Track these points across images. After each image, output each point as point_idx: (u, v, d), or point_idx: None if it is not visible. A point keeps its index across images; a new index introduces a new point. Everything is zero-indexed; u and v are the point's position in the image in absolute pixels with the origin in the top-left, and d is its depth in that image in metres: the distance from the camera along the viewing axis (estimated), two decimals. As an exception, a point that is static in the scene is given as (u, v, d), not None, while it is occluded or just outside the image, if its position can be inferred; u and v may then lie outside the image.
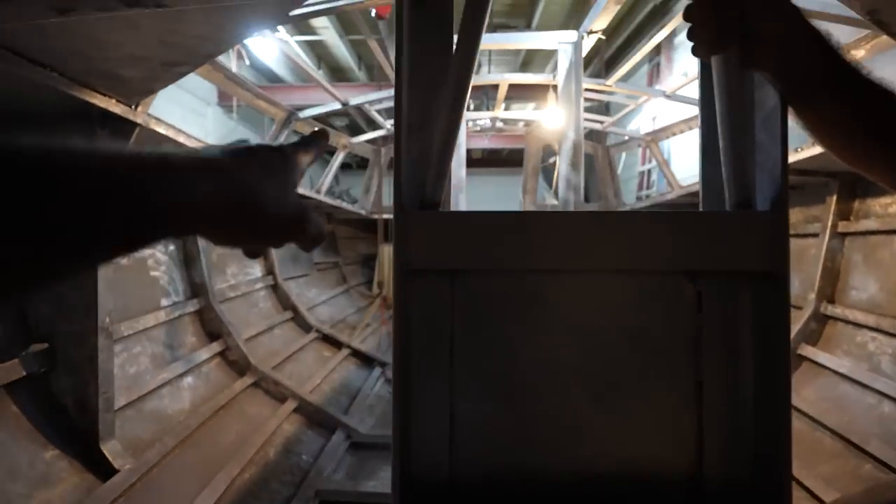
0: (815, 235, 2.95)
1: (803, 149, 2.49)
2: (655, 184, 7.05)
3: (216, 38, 1.23)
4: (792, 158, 2.48)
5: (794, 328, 2.86)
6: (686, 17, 0.67)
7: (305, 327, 3.73)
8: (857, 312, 2.55)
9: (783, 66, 0.69)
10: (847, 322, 2.63)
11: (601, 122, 4.25)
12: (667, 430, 0.80)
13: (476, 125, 5.36)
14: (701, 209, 0.88)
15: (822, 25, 0.66)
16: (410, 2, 0.83)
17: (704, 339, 0.80)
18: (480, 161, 12.53)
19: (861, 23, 1.66)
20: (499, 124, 5.78)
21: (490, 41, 2.50)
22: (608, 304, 0.82)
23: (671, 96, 3.05)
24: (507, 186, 9.11)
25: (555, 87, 2.51)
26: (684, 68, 5.99)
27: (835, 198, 2.82)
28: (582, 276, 0.82)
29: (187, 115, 7.16)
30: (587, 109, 4.65)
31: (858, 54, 2.12)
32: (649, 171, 7.38)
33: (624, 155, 6.49)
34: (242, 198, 0.30)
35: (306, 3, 2.09)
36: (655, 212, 0.81)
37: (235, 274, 3.42)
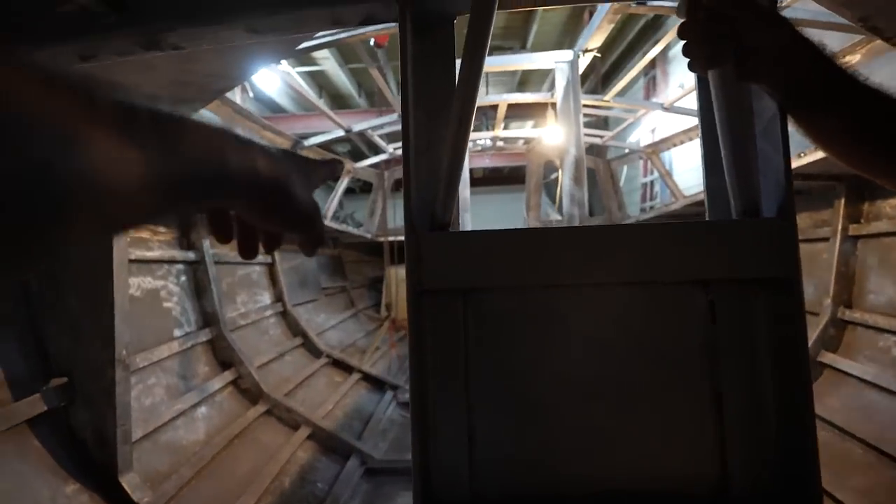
0: (825, 240, 2.93)
1: (806, 154, 2.50)
2: (659, 195, 7.06)
3: (227, 74, 1.28)
4: (795, 164, 2.49)
5: (812, 335, 2.81)
6: (680, 35, 0.69)
7: (315, 353, 3.73)
8: (878, 316, 2.51)
9: (779, 79, 0.71)
10: (867, 327, 2.58)
11: (601, 137, 4.30)
12: (688, 444, 0.79)
13: (476, 145, 5.43)
14: (707, 218, 0.89)
15: (816, 33, 0.68)
16: (413, 31, 0.86)
17: (720, 349, 0.80)
18: (482, 180, 12.63)
19: (855, 28, 1.69)
20: (499, 143, 5.86)
21: (489, 64, 2.55)
22: (622, 318, 0.82)
23: (669, 108, 3.09)
24: (509, 204, 9.17)
25: (553, 104, 2.56)
26: (680, 80, 6.06)
27: (843, 201, 2.81)
28: (594, 290, 0.82)
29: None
30: (586, 125, 4.71)
31: (854, 59, 2.14)
32: (652, 182, 7.40)
33: (625, 168, 6.52)
34: (280, 180, 0.37)
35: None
36: (664, 223, 0.82)
37: (245, 302, 3.45)
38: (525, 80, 9.58)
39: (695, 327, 0.81)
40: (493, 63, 3.04)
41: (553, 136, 2.97)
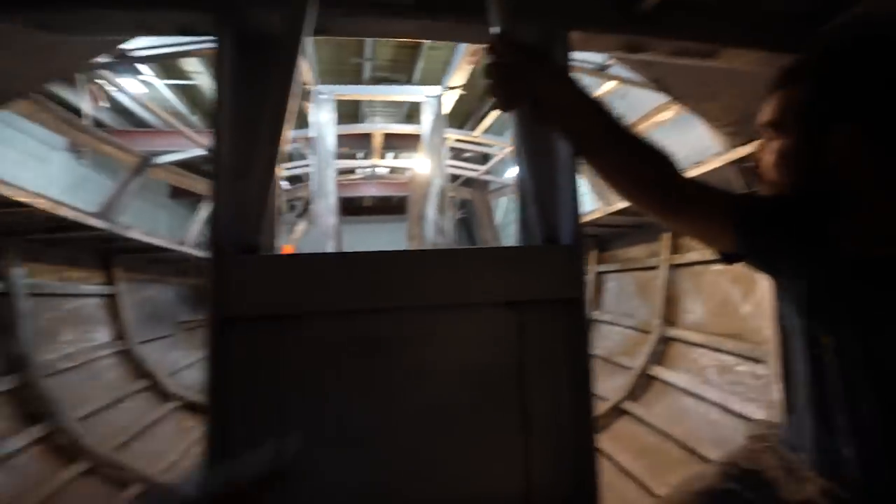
0: (656, 268, 3.41)
1: None
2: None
3: (20, 74, 1.10)
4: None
5: (645, 351, 3.22)
6: (485, 75, 0.76)
7: (164, 396, 3.28)
8: (691, 332, 2.96)
9: (566, 127, 0.80)
10: (683, 342, 3.03)
11: (476, 171, 4.57)
12: (499, 461, 0.83)
13: (358, 173, 5.41)
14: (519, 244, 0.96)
15: (631, 91, 0.78)
16: (233, 47, 0.82)
17: (528, 368, 0.86)
18: (371, 209, 12.60)
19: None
20: (381, 171, 5.91)
21: (364, 92, 2.59)
22: (440, 341, 0.84)
23: None
24: (397, 233, 9.26)
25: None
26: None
27: (669, 234, 3.31)
28: (413, 313, 0.83)
29: (26, 160, 6.22)
30: (467, 159, 4.98)
31: (667, 115, 2.55)
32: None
33: (505, 200, 6.97)
34: None
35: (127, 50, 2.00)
36: (478, 247, 0.87)
37: (73, 341, 2.93)
38: (412, 113, 9.90)
39: (507, 348, 0.86)
40: (369, 92, 3.10)
41: (422, 167, 3.10)
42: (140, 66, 4.57)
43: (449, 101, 2.53)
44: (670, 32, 0.91)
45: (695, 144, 2.37)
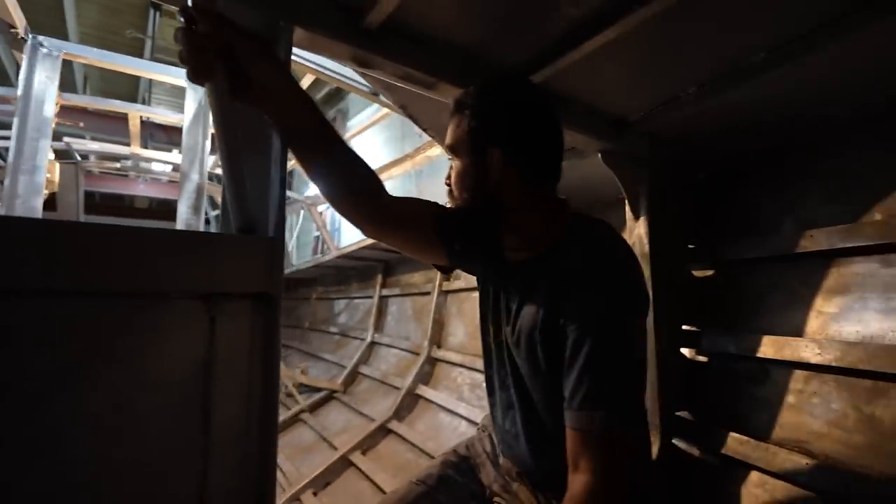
0: (429, 293, 3.68)
1: None
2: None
3: None
4: None
5: (413, 371, 3.40)
6: (175, 39, 0.68)
7: None
8: (452, 353, 3.25)
9: (277, 116, 0.77)
10: (446, 362, 3.30)
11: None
12: (175, 470, 0.71)
13: (125, 166, 4.52)
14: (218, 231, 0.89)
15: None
16: None
17: (215, 367, 0.77)
18: (148, 212, 10.71)
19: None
20: (160, 168, 5.07)
21: (106, 59, 2.16)
22: (117, 332, 0.69)
23: None
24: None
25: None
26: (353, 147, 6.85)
27: (440, 263, 3.62)
28: (82, 300, 0.67)
29: None
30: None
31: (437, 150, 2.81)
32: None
33: (301, 216, 6.70)
34: None
35: None
36: (169, 230, 0.76)
37: None
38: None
39: (194, 344, 0.76)
40: (112, 60, 2.56)
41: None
42: None
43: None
44: (394, 56, 0.98)
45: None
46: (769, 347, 1.33)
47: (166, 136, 6.73)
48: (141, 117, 3.38)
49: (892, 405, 1.09)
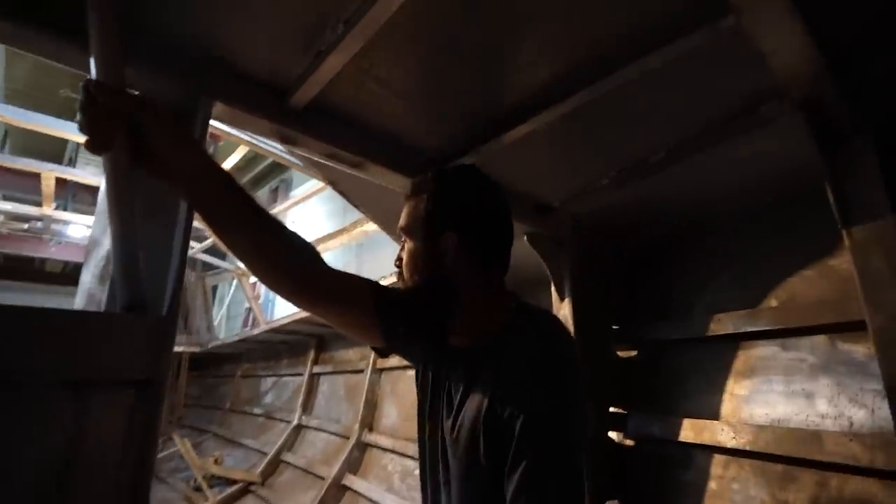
0: (362, 371, 3.49)
1: None
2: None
3: None
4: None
5: (341, 458, 3.12)
6: (79, 109, 0.65)
7: None
8: (384, 437, 3.04)
9: (188, 191, 0.73)
10: (377, 447, 3.07)
11: (192, 248, 4.07)
12: None
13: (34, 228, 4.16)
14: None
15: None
16: None
17: (79, 465, 0.65)
18: (62, 277, 9.76)
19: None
20: (76, 231, 4.71)
21: (27, 119, 2.04)
22: None
23: None
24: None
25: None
26: (293, 218, 6.77)
27: (376, 339, 3.48)
28: None
29: None
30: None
31: (371, 227, 2.81)
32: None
33: (233, 287, 6.37)
34: None
35: None
36: (28, 307, 0.66)
37: None
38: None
39: (55, 440, 0.64)
40: (22, 118, 2.43)
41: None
42: None
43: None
44: (319, 135, 0.99)
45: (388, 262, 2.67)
46: (690, 431, 1.35)
47: (91, 197, 6.35)
48: (60, 178, 3.17)
49: (804, 489, 1.11)
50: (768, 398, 1.26)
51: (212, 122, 1.00)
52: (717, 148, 1.10)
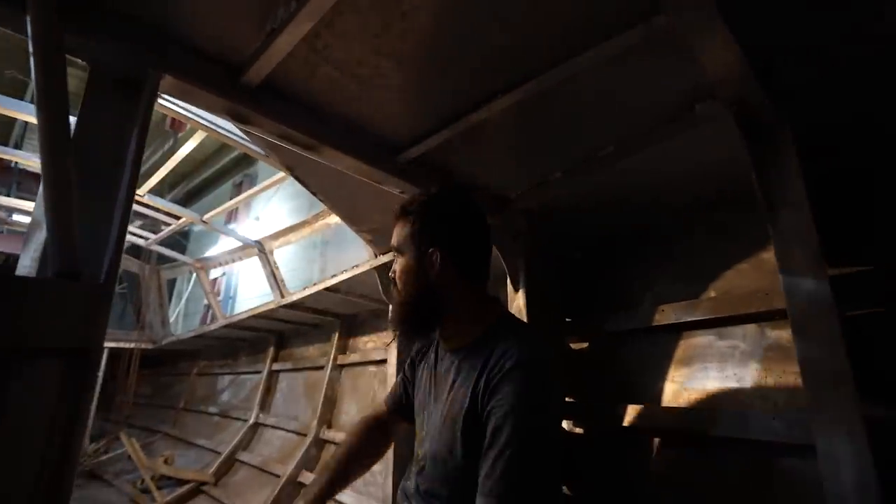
0: (323, 367, 3.45)
1: (316, 284, 2.99)
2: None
3: None
4: (307, 292, 2.84)
5: (298, 456, 3.07)
6: None
7: None
8: (342, 434, 3.00)
9: None
10: (335, 443, 3.04)
11: (144, 238, 3.92)
12: None
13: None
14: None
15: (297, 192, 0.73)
16: None
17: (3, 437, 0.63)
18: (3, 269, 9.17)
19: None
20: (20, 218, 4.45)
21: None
22: None
23: (208, 221, 3.19)
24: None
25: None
26: (257, 213, 6.62)
27: (337, 335, 3.46)
28: None
29: None
30: (140, 225, 4.24)
31: (332, 219, 2.77)
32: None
33: (192, 282, 6.17)
34: None
35: None
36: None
37: None
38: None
39: None
40: None
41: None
42: None
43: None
44: (273, 115, 0.99)
45: (353, 257, 2.66)
46: (634, 417, 1.40)
47: (38, 185, 6.01)
48: (4, 164, 2.99)
49: (736, 468, 1.18)
50: (705, 384, 1.34)
51: (173, 107, 0.98)
52: (661, 145, 1.16)
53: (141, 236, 3.89)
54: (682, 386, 1.39)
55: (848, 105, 1.02)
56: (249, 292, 6.46)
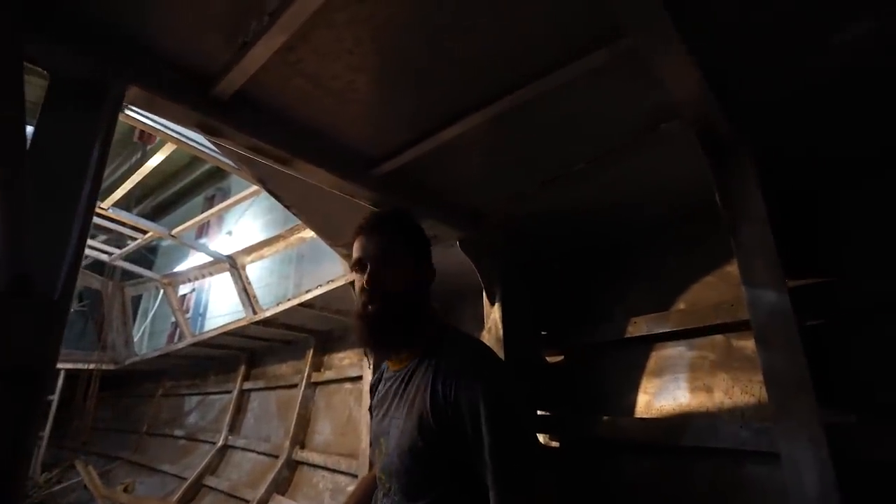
0: (296, 386, 3.36)
1: (290, 300, 2.93)
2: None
3: None
4: (281, 308, 2.78)
5: (269, 478, 2.97)
6: None
7: None
8: (316, 454, 2.92)
9: None
10: (309, 464, 2.95)
11: (108, 254, 3.77)
12: None
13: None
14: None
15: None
16: None
17: None
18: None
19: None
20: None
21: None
22: None
23: (176, 235, 3.10)
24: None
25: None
26: (229, 228, 6.47)
27: (311, 352, 3.38)
28: None
29: None
30: (102, 239, 4.08)
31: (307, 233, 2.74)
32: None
33: (159, 299, 5.96)
34: None
35: None
36: None
37: None
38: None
39: None
40: None
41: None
42: None
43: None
44: (245, 128, 0.98)
45: (328, 272, 2.63)
46: (608, 428, 1.42)
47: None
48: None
49: (704, 477, 1.20)
50: (676, 394, 1.36)
51: (141, 118, 0.96)
52: (630, 161, 1.19)
53: (104, 251, 3.74)
54: (654, 397, 1.41)
55: (796, 131, 1.08)
56: (220, 309, 6.28)
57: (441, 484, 0.89)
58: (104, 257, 3.74)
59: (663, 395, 1.39)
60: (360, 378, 2.82)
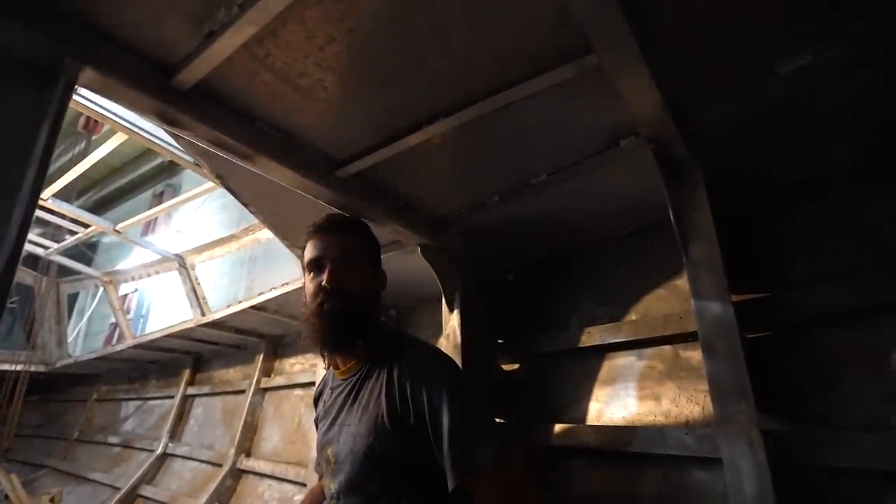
0: (244, 392, 3.23)
1: (242, 302, 2.82)
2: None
3: None
4: (231, 310, 2.67)
5: (211, 488, 2.83)
6: None
7: None
8: (262, 462, 2.81)
9: None
10: (255, 473, 2.83)
11: (45, 248, 3.49)
12: None
13: None
14: None
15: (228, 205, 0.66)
16: None
17: None
18: None
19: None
20: None
21: None
22: None
23: (121, 232, 2.93)
24: None
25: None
26: (178, 226, 6.18)
27: (262, 356, 3.26)
28: None
29: None
30: (37, 231, 3.80)
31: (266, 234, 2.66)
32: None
33: (98, 297, 5.59)
34: None
35: None
36: None
37: None
38: None
39: None
40: None
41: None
42: None
43: None
44: (207, 119, 0.94)
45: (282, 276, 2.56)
46: (561, 435, 1.45)
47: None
48: None
49: (651, 482, 1.24)
50: (626, 402, 1.41)
51: (92, 105, 0.90)
52: (590, 175, 1.24)
53: (40, 245, 3.47)
54: (606, 405, 1.46)
55: (742, 154, 1.16)
56: (164, 311, 5.96)
57: (395, 490, 0.88)
58: (39, 251, 3.46)
59: (614, 403, 1.44)
60: (311, 384, 2.75)
